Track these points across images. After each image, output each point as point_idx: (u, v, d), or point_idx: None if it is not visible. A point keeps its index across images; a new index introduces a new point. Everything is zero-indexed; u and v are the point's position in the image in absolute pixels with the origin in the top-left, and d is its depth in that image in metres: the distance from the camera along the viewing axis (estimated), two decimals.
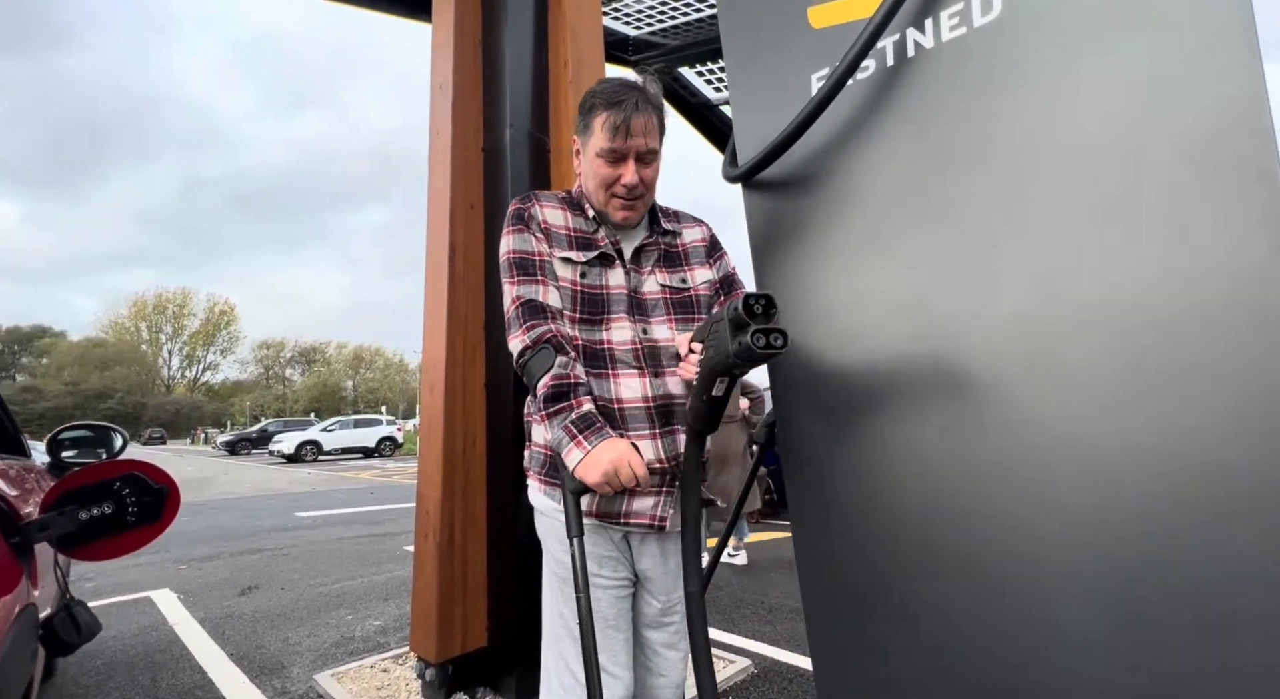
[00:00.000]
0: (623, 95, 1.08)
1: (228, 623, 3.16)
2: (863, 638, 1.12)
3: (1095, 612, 0.86)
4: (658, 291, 1.16)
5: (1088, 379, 0.87)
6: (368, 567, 4.44)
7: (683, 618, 1.16)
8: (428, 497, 2.10)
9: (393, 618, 3.16)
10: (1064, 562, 0.89)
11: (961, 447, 0.99)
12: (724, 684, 2.23)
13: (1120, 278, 0.85)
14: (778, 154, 1.23)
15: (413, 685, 2.19)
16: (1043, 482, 0.91)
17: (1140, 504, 0.83)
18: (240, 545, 5.37)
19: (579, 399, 1.01)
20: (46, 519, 1.09)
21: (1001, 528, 0.95)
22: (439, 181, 2.22)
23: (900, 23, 1.10)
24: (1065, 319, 0.89)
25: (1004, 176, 0.97)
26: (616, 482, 0.95)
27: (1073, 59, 0.91)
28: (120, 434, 2.07)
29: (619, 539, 1.11)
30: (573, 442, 0.98)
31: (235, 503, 8.67)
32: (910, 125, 1.09)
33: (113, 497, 1.14)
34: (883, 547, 1.09)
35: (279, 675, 2.43)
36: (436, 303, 2.18)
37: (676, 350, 1.12)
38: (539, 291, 1.07)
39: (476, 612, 2.07)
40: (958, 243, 1.02)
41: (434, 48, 2.33)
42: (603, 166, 1.10)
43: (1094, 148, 0.88)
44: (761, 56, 1.35)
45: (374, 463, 17.84)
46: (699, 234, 1.26)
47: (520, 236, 1.11)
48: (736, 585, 3.63)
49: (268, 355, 71.94)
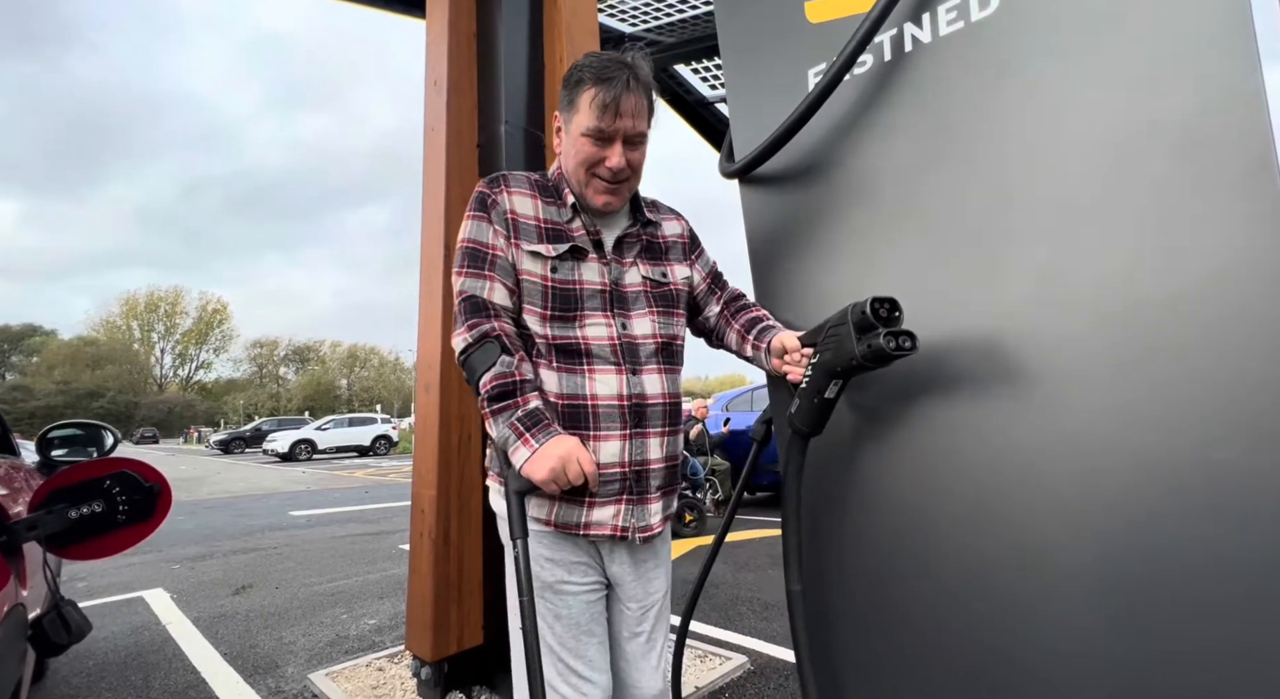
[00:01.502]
0: (613, 71, 0.99)
1: (221, 623, 3.13)
2: (857, 640, 1.12)
3: (1089, 608, 0.86)
4: (639, 284, 1.09)
5: (1087, 375, 0.87)
6: (363, 565, 4.42)
7: (655, 626, 1.12)
8: (423, 495, 2.09)
9: (388, 617, 3.15)
10: (1061, 560, 0.89)
11: (959, 443, 0.99)
12: (720, 681, 2.23)
13: (1115, 272, 0.85)
14: (775, 149, 1.23)
15: (408, 684, 2.18)
16: (1041, 479, 0.91)
17: (1138, 503, 0.83)
18: (234, 545, 5.33)
19: (525, 397, 0.97)
20: (35, 518, 1.08)
21: (998, 526, 0.95)
22: (434, 178, 2.21)
23: (898, 17, 1.09)
24: (1063, 314, 0.90)
25: (1003, 171, 0.97)
26: (564, 479, 0.92)
27: (1071, 54, 0.91)
28: (111, 432, 2.05)
29: (586, 544, 1.07)
30: (519, 440, 0.95)
31: (229, 502, 8.61)
32: (908, 120, 1.08)
33: (103, 495, 1.13)
34: (877, 544, 1.09)
35: (273, 675, 2.41)
36: (431, 300, 2.16)
37: (657, 346, 1.07)
38: (484, 287, 1.02)
39: (472, 610, 2.06)
40: (956, 238, 1.02)
41: (428, 44, 2.32)
42: (587, 146, 1.02)
43: (1092, 143, 0.88)
44: (758, 52, 1.34)
45: (369, 462, 17.77)
46: (678, 229, 1.20)
47: (478, 224, 1.04)
48: (734, 583, 3.63)
49: (261, 354, 71.46)
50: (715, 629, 2.83)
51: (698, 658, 2.41)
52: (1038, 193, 0.93)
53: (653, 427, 1.06)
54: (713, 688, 2.18)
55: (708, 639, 2.68)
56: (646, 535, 1.06)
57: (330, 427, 21.03)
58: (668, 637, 1.18)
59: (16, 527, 1.02)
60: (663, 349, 1.09)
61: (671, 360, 1.11)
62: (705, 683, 2.18)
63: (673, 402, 1.10)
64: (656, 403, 1.06)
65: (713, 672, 2.28)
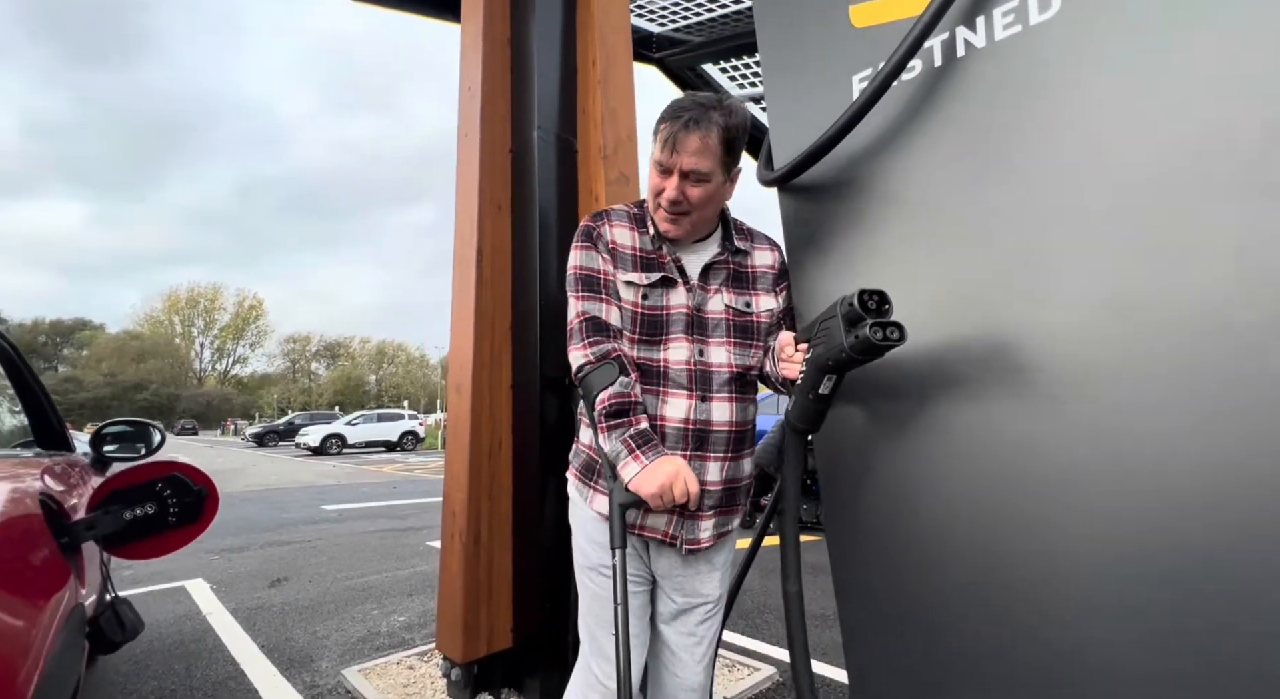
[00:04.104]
0: (685, 112, 1.06)
1: (258, 614, 3.23)
2: (901, 654, 1.09)
3: (1152, 634, 0.82)
4: (721, 312, 1.15)
5: (1149, 391, 0.83)
6: (391, 561, 4.51)
7: (701, 622, 1.18)
8: (454, 498, 2.11)
9: (417, 614, 3.20)
10: (1119, 581, 0.84)
11: (1012, 458, 0.95)
12: (748, 692, 2.21)
13: (1190, 288, 0.80)
14: (817, 157, 1.20)
15: (438, 684, 2.21)
16: (1097, 495, 0.87)
17: (1203, 520, 0.78)
18: (269, 537, 5.49)
19: (637, 416, 1.05)
20: (93, 518, 1.12)
21: (1052, 543, 0.91)
22: (467, 184, 2.23)
23: (950, 20, 1.06)
24: (1127, 329, 0.85)
25: (1065, 187, 0.92)
26: (670, 496, 0.99)
27: (1142, 56, 0.86)
28: (159, 430, 2.12)
29: (637, 541, 1.15)
30: (630, 455, 1.02)
31: (263, 494, 8.89)
32: (960, 129, 1.05)
33: (155, 497, 1.17)
34: (925, 560, 1.06)
35: (308, 669, 2.47)
36: (464, 304, 2.18)
37: (731, 375, 1.13)
38: (602, 309, 1.12)
39: (502, 613, 2.07)
40: (1011, 253, 0.97)
41: (463, 49, 2.34)
42: (654, 175, 1.12)
43: (1165, 151, 0.83)
44: (800, 57, 1.32)
45: (396, 457, 18.14)
46: (770, 259, 1.24)
47: (587, 253, 1.15)
48: (761, 591, 3.60)
49: (294, 349, 73.59)
50: (741, 637, 2.80)
51: (725, 667, 2.38)
52: (1103, 209, 0.88)
53: (714, 451, 1.12)
54: None
55: (733, 647, 2.65)
56: (693, 548, 1.12)
57: (360, 422, 21.55)
58: (716, 641, 1.22)
59: (76, 527, 1.07)
60: (736, 378, 1.14)
61: (744, 390, 1.16)
62: (734, 694, 2.16)
63: (739, 429, 1.15)
64: (721, 429, 1.12)
65: (740, 683, 2.25)
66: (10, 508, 0.87)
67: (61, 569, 0.95)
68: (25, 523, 0.90)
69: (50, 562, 0.92)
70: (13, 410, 1.99)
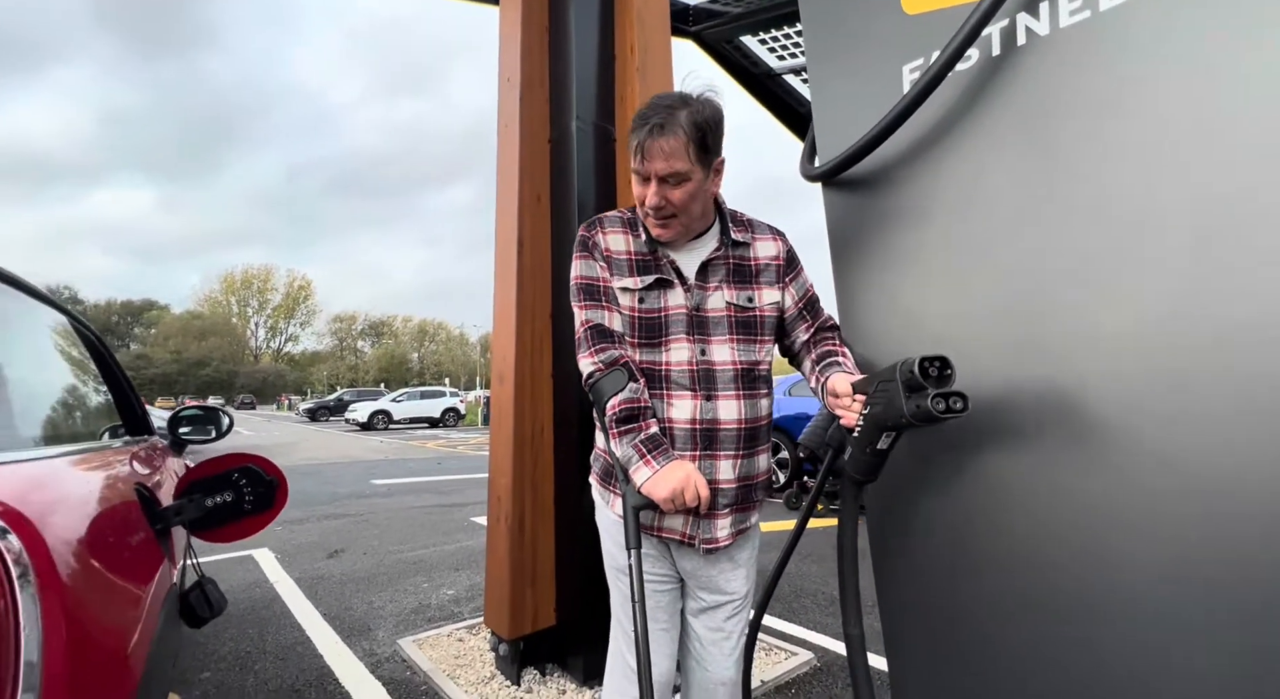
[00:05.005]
0: (650, 117, 1.05)
1: (319, 584, 3.45)
2: (949, 677, 1.09)
3: (1213, 668, 0.80)
4: (722, 309, 1.14)
5: (1222, 413, 0.79)
6: (438, 536, 4.73)
7: (729, 618, 1.20)
8: (499, 483, 2.19)
9: (464, 588, 3.37)
10: (1179, 610, 0.82)
11: (1069, 479, 0.93)
12: (786, 676, 2.25)
13: (1275, 299, 0.76)
14: (866, 152, 1.17)
15: (486, 657, 2.34)
16: (1161, 523, 0.84)
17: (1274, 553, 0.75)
18: (325, 510, 5.83)
19: (647, 422, 1.06)
20: (180, 505, 1.23)
21: (1108, 569, 0.89)
22: (507, 174, 2.25)
23: (1010, 7, 1.00)
24: (1202, 343, 0.81)
25: (1135, 179, 0.87)
26: (681, 500, 1.00)
27: (1225, 43, 0.80)
28: (228, 415, 2.27)
29: (658, 543, 1.17)
30: (641, 460, 1.04)
31: (317, 469, 9.39)
32: (1020, 121, 1.00)
33: (232, 486, 1.27)
34: (972, 580, 1.05)
35: (366, 638, 2.64)
36: (505, 294, 2.23)
37: (736, 373, 1.12)
38: (605, 316, 1.13)
39: (545, 593, 2.16)
40: (1075, 253, 0.93)
41: (501, 38, 2.34)
42: (635, 183, 1.11)
43: (1251, 146, 0.78)
44: (848, 45, 1.27)
45: (439, 433, 18.81)
46: (773, 250, 1.19)
47: (586, 262, 1.16)
48: (797, 574, 3.62)
49: (341, 328, 76.46)
50: (779, 621, 2.84)
51: (763, 650, 2.43)
52: (1181, 204, 0.83)
53: (724, 450, 1.11)
54: (778, 683, 2.20)
55: (771, 631, 2.69)
56: (711, 547, 1.13)
57: (404, 398, 22.37)
58: (744, 633, 1.24)
59: (167, 513, 1.17)
60: (743, 375, 1.13)
61: (753, 386, 1.14)
62: (771, 677, 2.21)
63: (750, 426, 1.13)
64: (730, 428, 1.11)
65: (778, 666, 2.29)
66: (113, 498, 0.97)
67: (158, 553, 1.04)
68: (125, 511, 1.00)
69: (148, 546, 1.02)
70: (98, 390, 2.16)
